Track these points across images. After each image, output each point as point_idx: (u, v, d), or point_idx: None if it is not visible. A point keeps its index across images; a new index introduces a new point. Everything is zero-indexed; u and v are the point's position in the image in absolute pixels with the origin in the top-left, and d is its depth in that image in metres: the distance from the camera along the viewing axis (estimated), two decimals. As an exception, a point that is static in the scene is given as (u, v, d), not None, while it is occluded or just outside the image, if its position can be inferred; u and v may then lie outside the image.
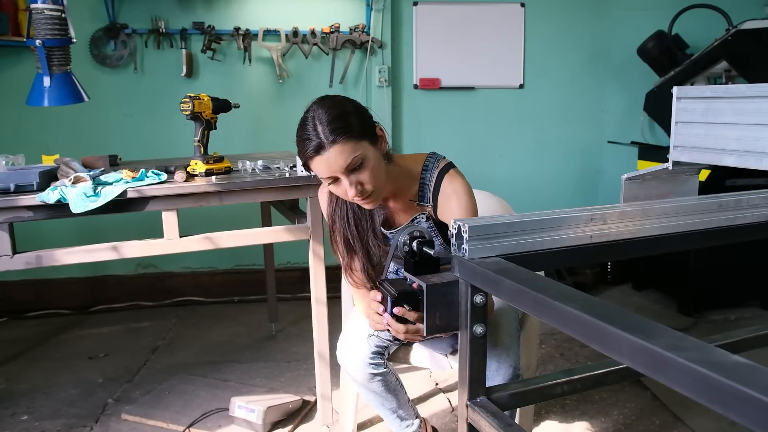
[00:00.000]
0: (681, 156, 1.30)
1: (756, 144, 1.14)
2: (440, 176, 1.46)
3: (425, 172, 1.48)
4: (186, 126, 2.09)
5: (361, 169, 1.32)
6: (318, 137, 1.28)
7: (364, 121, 1.35)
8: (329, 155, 1.29)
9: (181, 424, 2.04)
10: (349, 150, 1.30)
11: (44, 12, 1.90)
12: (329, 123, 1.29)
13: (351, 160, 1.30)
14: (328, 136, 1.28)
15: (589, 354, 2.58)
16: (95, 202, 1.64)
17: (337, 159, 1.29)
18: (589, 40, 3.46)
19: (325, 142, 1.28)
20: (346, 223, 1.49)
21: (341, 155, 1.29)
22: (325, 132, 1.28)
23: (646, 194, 1.34)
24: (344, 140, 1.29)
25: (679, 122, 1.30)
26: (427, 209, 1.48)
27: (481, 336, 0.91)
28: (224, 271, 3.35)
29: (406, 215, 1.50)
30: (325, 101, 1.33)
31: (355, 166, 1.31)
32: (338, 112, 1.31)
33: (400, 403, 1.67)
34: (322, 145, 1.28)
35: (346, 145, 1.29)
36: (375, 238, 1.50)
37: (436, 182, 1.46)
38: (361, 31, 3.18)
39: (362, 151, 1.32)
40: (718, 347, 0.57)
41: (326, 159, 1.29)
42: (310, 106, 1.34)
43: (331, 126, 1.29)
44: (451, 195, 1.44)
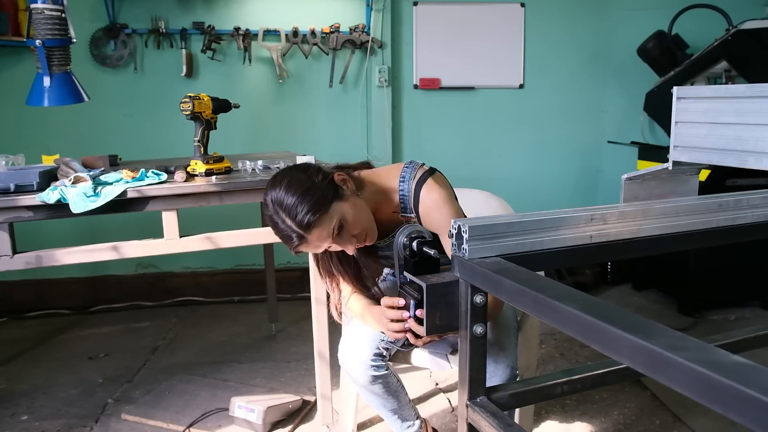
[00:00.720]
0: (681, 156, 1.30)
1: (756, 144, 1.14)
2: (418, 187, 1.44)
3: (402, 183, 1.47)
4: (186, 126, 2.08)
5: (346, 228, 1.34)
6: (294, 231, 1.30)
7: (323, 186, 1.33)
8: (312, 238, 1.31)
9: (181, 424, 2.04)
10: (326, 224, 1.31)
11: (44, 12, 1.90)
12: (296, 214, 1.29)
13: (333, 230, 1.32)
14: (303, 226, 1.29)
15: (589, 354, 2.58)
16: (95, 202, 1.64)
17: (320, 237, 1.32)
18: (589, 40, 3.46)
19: (304, 232, 1.30)
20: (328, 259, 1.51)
21: (323, 232, 1.31)
22: (299, 224, 1.29)
23: (646, 194, 1.34)
24: (317, 220, 1.29)
25: (679, 122, 1.30)
26: (411, 219, 1.47)
27: (481, 336, 0.91)
28: (224, 271, 3.35)
29: (391, 227, 1.48)
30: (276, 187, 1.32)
31: (340, 228, 1.33)
32: (298, 195, 1.30)
33: (401, 405, 1.66)
34: (302, 237, 1.30)
35: (321, 222, 1.30)
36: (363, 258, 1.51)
37: (415, 194, 1.44)
38: (361, 31, 3.18)
39: (337, 214, 1.32)
40: (718, 347, 0.57)
41: (312, 243, 1.33)
42: (267, 195, 1.34)
43: (299, 216, 1.29)
44: (432, 207, 1.43)
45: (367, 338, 1.52)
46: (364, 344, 1.52)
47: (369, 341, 1.52)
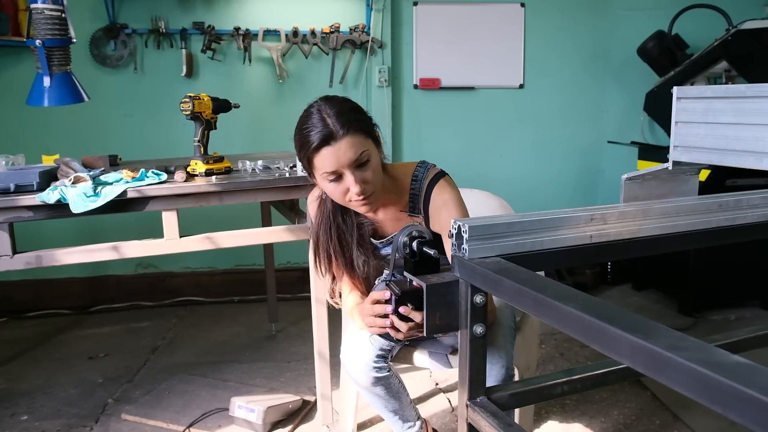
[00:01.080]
0: (681, 156, 1.30)
1: (756, 144, 1.14)
2: (430, 187, 1.44)
3: (415, 182, 1.46)
4: (186, 126, 2.09)
5: (366, 166, 1.31)
6: (327, 128, 1.25)
7: (369, 121, 1.34)
8: (340, 146, 1.26)
9: (181, 424, 2.04)
10: (359, 143, 1.28)
11: (44, 12, 1.90)
12: (340, 115, 1.26)
13: (360, 154, 1.28)
14: (340, 127, 1.25)
15: (589, 354, 2.58)
16: (95, 202, 1.64)
17: (347, 151, 1.26)
18: (589, 40, 3.46)
19: (336, 132, 1.25)
20: (329, 238, 1.47)
21: (351, 148, 1.26)
22: (335, 123, 1.25)
23: (646, 194, 1.34)
24: (355, 132, 1.27)
25: (679, 122, 1.30)
26: (417, 220, 1.47)
27: (481, 336, 0.91)
28: (224, 271, 3.35)
29: (395, 226, 1.48)
30: (331, 98, 1.32)
31: (362, 162, 1.29)
32: (348, 107, 1.30)
33: (402, 405, 1.66)
34: (332, 135, 1.25)
35: (357, 137, 1.27)
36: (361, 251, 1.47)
37: (426, 192, 1.44)
38: (361, 31, 3.18)
39: (369, 147, 1.30)
40: (718, 347, 0.57)
41: (336, 150, 1.26)
42: (313, 103, 1.32)
43: (342, 117, 1.26)
44: (441, 206, 1.43)
45: (369, 339, 1.52)
46: (367, 345, 1.52)
47: (371, 342, 1.52)
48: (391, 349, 1.55)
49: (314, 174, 1.35)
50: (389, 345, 1.53)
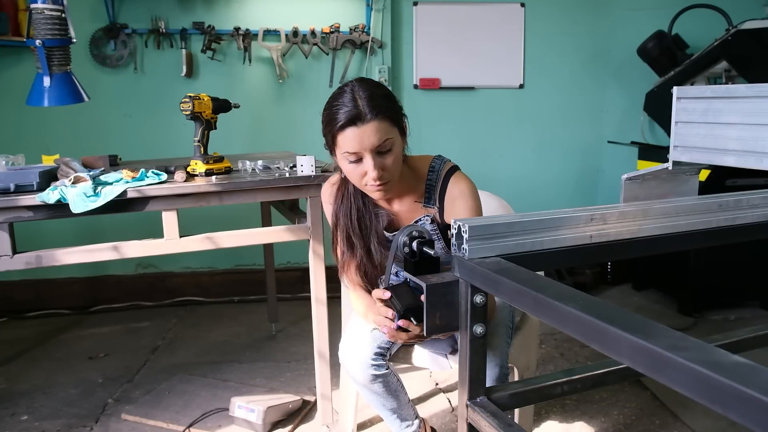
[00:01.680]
0: (681, 156, 1.30)
1: (756, 144, 1.14)
2: (447, 178, 1.46)
3: (432, 173, 1.48)
4: (186, 126, 2.08)
5: (388, 154, 1.33)
6: (357, 108, 1.27)
7: (399, 110, 1.37)
8: (365, 129, 1.28)
9: (181, 424, 2.04)
10: (385, 130, 1.30)
11: (44, 12, 1.90)
12: (371, 99, 1.29)
13: (384, 141, 1.30)
14: (369, 110, 1.27)
15: (589, 354, 2.58)
16: (95, 202, 1.64)
17: (371, 135, 1.28)
18: (589, 40, 3.46)
19: (364, 114, 1.27)
20: (349, 221, 1.47)
21: (376, 133, 1.29)
22: (365, 105, 1.28)
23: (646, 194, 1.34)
24: (383, 118, 1.29)
25: (679, 122, 1.30)
26: (431, 211, 1.48)
27: (481, 336, 0.91)
28: (224, 271, 3.35)
29: (409, 217, 1.50)
30: (366, 80, 1.34)
31: (384, 150, 1.31)
32: (382, 93, 1.32)
33: (400, 404, 1.66)
34: (360, 117, 1.27)
35: (383, 123, 1.29)
36: (377, 238, 1.48)
37: (443, 184, 1.46)
38: (361, 31, 3.18)
39: (393, 135, 1.32)
40: (718, 347, 0.57)
41: (361, 132, 1.28)
42: (348, 82, 1.34)
43: (373, 102, 1.28)
44: (457, 197, 1.44)
45: (367, 337, 1.53)
46: (365, 343, 1.52)
47: (370, 340, 1.52)
48: (389, 347, 1.55)
49: (335, 151, 1.36)
50: (387, 343, 1.53)
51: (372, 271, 1.51)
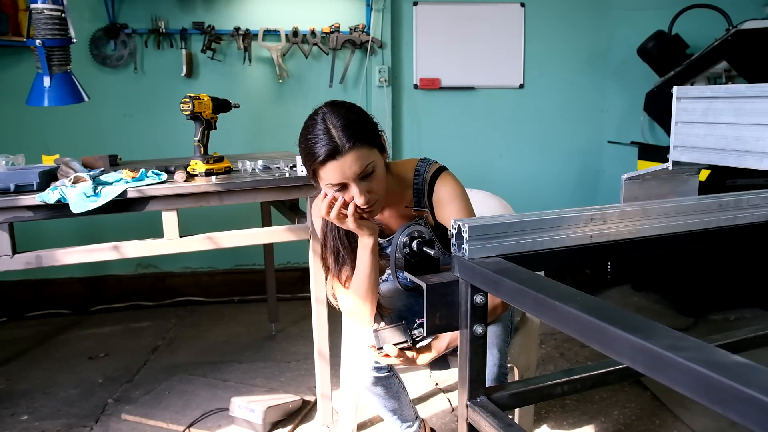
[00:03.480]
0: (681, 156, 1.30)
1: (756, 144, 1.14)
2: (433, 179, 1.46)
3: (417, 177, 1.47)
4: (186, 126, 2.08)
5: (371, 177, 1.31)
6: (333, 141, 1.25)
7: (373, 129, 1.34)
8: (345, 161, 1.26)
9: (181, 424, 2.04)
10: (364, 156, 1.28)
11: (44, 12, 1.90)
12: (344, 128, 1.26)
13: (365, 167, 1.29)
14: (345, 141, 1.25)
15: (589, 354, 2.58)
16: (95, 202, 1.64)
17: (352, 165, 1.27)
18: (589, 40, 3.46)
19: (342, 146, 1.25)
20: (337, 235, 1.45)
21: (357, 161, 1.27)
22: (341, 137, 1.25)
23: (646, 194, 1.34)
24: (360, 146, 1.27)
25: (679, 122, 1.30)
26: (424, 214, 1.48)
27: (481, 336, 0.91)
28: (224, 271, 3.35)
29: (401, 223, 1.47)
30: (337, 105, 1.31)
31: (367, 173, 1.30)
32: (353, 118, 1.29)
33: (401, 405, 1.67)
34: (338, 150, 1.25)
35: (362, 151, 1.27)
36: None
37: (429, 185, 1.46)
38: (361, 31, 3.18)
39: (374, 158, 1.31)
40: (718, 347, 0.57)
41: (341, 164, 1.26)
42: (318, 109, 1.31)
43: (347, 131, 1.26)
44: (444, 199, 1.44)
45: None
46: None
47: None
48: None
49: (319, 182, 1.35)
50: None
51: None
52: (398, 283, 1.35)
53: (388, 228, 1.52)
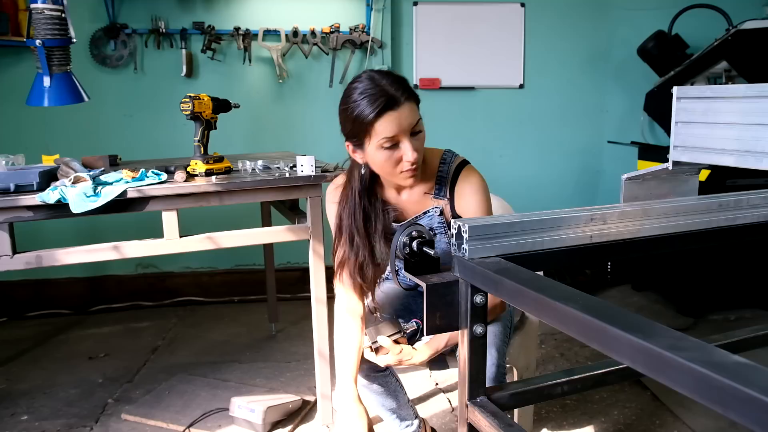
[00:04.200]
0: (681, 156, 1.30)
1: (756, 144, 1.14)
2: (458, 171, 1.47)
3: (443, 165, 1.48)
4: (186, 126, 2.08)
5: (419, 135, 1.34)
6: (388, 94, 1.27)
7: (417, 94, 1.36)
8: (402, 111, 1.28)
9: (181, 424, 2.04)
10: (416, 112, 1.31)
11: (44, 12, 1.90)
12: (395, 82, 1.29)
13: (417, 123, 1.31)
14: (400, 93, 1.27)
15: (589, 354, 2.58)
16: (95, 202, 1.64)
17: (408, 116, 1.29)
18: (590, 40, 3.46)
19: (398, 98, 1.27)
20: (353, 221, 1.43)
21: (411, 114, 1.29)
22: (396, 90, 1.28)
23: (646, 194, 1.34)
24: (413, 101, 1.31)
25: (679, 122, 1.30)
26: (441, 203, 1.47)
27: (481, 336, 0.91)
28: (224, 271, 3.35)
29: (417, 209, 1.49)
30: (380, 71, 1.35)
31: (417, 131, 1.32)
32: (400, 77, 1.32)
33: (399, 404, 1.67)
34: (395, 100, 1.27)
35: (413, 105, 1.31)
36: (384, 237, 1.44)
37: (454, 175, 1.47)
38: (361, 31, 3.18)
39: (420, 118, 1.33)
40: (718, 347, 0.57)
41: (398, 115, 1.27)
42: (361, 75, 1.35)
43: (399, 85, 1.29)
44: (468, 191, 1.45)
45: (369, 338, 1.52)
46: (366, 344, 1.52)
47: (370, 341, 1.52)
48: None
49: (366, 144, 1.33)
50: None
51: (373, 271, 1.48)
52: (398, 283, 1.35)
53: (404, 212, 1.50)
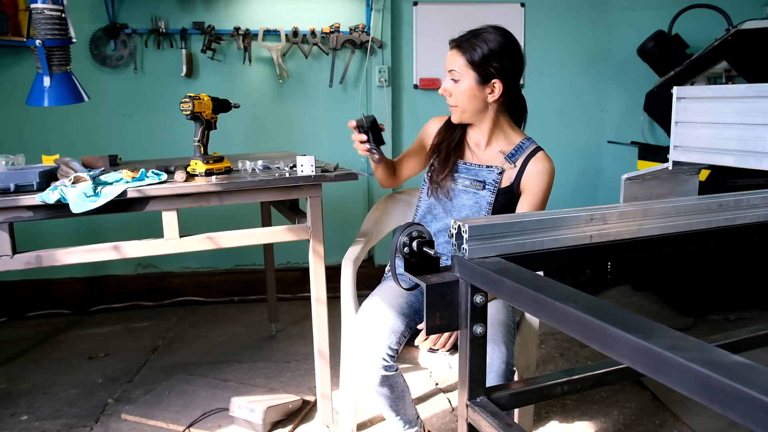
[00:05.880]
0: (681, 156, 1.30)
1: (756, 144, 1.14)
2: (537, 150, 1.69)
3: (526, 141, 1.72)
4: (186, 126, 2.08)
5: (456, 84, 1.62)
6: (457, 36, 1.63)
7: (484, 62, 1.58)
8: (450, 53, 1.63)
9: (181, 424, 2.04)
10: (455, 63, 1.60)
11: (44, 12, 1.90)
12: (468, 35, 1.60)
13: (452, 71, 1.61)
14: (457, 42, 1.61)
15: (589, 354, 2.58)
16: (95, 202, 1.64)
17: (448, 60, 1.63)
18: (589, 40, 3.46)
19: (452, 42, 1.63)
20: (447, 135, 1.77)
21: (450, 60, 1.62)
22: (461, 38, 1.61)
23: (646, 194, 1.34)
24: (460, 54, 1.60)
25: (679, 122, 1.30)
26: (507, 166, 1.68)
27: (481, 336, 0.91)
28: (224, 271, 3.35)
29: (486, 159, 1.72)
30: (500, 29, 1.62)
31: (453, 79, 1.62)
32: (484, 38, 1.58)
33: (405, 405, 1.67)
34: (452, 42, 1.63)
35: (457, 58, 1.60)
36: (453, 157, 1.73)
37: (532, 152, 1.68)
38: (361, 31, 3.18)
39: (463, 74, 1.60)
40: (718, 347, 0.57)
41: (449, 54, 1.64)
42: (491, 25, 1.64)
43: (465, 37, 1.61)
44: (540, 169, 1.65)
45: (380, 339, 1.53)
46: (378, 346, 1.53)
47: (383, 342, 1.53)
48: (398, 348, 1.56)
49: None
50: (397, 344, 1.54)
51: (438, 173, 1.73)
52: (398, 282, 1.36)
53: (474, 155, 1.74)
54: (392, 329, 1.55)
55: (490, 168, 1.68)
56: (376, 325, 1.56)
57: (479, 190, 1.67)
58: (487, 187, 1.67)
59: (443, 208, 1.74)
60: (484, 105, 1.65)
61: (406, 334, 1.58)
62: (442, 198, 1.72)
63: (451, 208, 1.71)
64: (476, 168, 1.70)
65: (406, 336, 1.58)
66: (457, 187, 1.71)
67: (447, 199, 1.71)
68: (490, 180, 1.67)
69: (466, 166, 1.72)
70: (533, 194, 1.64)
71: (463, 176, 1.71)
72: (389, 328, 1.54)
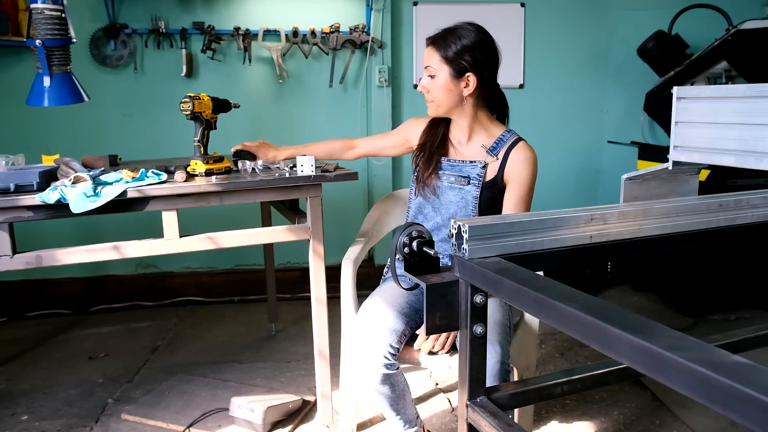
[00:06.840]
0: (681, 156, 1.30)
1: (756, 144, 1.14)
2: (517, 141, 1.71)
3: (506, 133, 1.74)
4: (186, 126, 2.08)
5: (433, 80, 1.67)
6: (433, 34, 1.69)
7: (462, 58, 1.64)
8: (426, 50, 1.70)
9: (181, 424, 2.04)
10: (430, 60, 1.67)
11: (44, 12, 1.90)
12: (444, 32, 1.68)
13: (428, 67, 1.68)
14: (432, 40, 1.68)
15: (589, 354, 2.58)
16: (95, 202, 1.64)
17: (425, 57, 1.70)
18: (589, 40, 3.46)
19: (429, 40, 1.69)
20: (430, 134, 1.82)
21: (427, 56, 1.68)
22: (435, 35, 1.69)
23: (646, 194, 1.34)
24: (433, 50, 1.66)
25: (679, 122, 1.30)
26: (489, 159, 1.70)
27: (481, 336, 0.91)
28: (224, 271, 3.35)
29: (469, 154, 1.75)
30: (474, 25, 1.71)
31: (430, 74, 1.67)
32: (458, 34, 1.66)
33: (405, 404, 1.67)
34: (428, 39, 1.70)
35: (432, 54, 1.66)
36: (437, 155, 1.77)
37: (513, 143, 1.70)
38: (361, 31, 3.18)
39: (438, 69, 1.65)
40: (718, 347, 0.57)
41: (425, 52, 1.70)
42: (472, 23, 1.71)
43: (440, 34, 1.68)
44: (522, 160, 1.68)
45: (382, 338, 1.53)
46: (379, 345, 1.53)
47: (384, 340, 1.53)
48: (399, 347, 1.56)
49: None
50: (399, 342, 1.55)
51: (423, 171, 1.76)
52: (398, 283, 1.36)
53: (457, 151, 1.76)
54: (393, 328, 1.55)
55: (473, 163, 1.71)
56: (376, 325, 1.56)
57: (464, 186, 1.69)
58: (471, 182, 1.70)
59: (432, 206, 1.76)
60: (460, 99, 1.69)
61: (407, 334, 1.59)
62: (429, 196, 1.75)
63: (440, 206, 1.73)
64: (460, 164, 1.72)
65: (406, 335, 1.58)
66: (443, 184, 1.73)
67: (434, 196, 1.73)
68: (474, 175, 1.70)
69: (450, 163, 1.75)
70: (518, 184, 1.67)
71: (447, 173, 1.74)
72: (390, 328, 1.55)
